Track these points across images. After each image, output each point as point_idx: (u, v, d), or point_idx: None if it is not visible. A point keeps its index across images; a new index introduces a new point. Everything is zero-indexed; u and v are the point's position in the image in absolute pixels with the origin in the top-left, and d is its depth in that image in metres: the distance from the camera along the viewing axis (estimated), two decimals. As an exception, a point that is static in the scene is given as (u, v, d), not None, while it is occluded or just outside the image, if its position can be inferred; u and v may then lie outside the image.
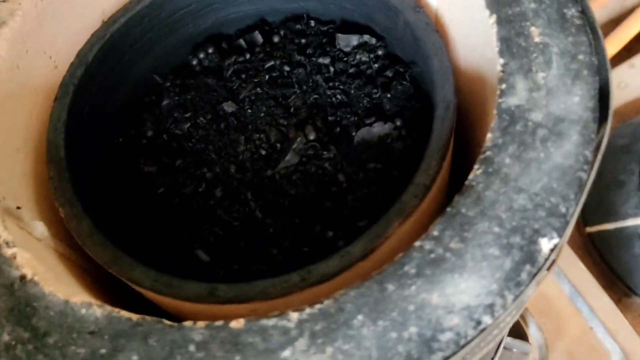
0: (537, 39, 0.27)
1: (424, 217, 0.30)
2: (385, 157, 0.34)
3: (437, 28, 0.33)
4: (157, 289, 0.28)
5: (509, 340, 0.51)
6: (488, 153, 0.25)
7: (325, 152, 0.34)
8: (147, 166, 0.36)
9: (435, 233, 0.24)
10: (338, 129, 0.35)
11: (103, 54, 0.36)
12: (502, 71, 0.27)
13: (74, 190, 0.31)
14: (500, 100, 0.26)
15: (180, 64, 0.41)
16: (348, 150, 0.34)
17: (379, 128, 0.34)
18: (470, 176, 0.25)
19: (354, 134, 0.35)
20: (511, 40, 0.27)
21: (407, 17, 0.33)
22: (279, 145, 0.35)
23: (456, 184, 0.26)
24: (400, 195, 0.28)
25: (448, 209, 0.24)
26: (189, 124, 0.37)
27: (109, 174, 0.35)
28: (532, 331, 0.55)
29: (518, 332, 0.54)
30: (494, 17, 0.28)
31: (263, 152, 0.35)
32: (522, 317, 0.56)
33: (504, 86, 0.26)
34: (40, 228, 0.29)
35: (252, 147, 0.35)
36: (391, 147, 0.34)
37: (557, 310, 0.57)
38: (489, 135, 0.25)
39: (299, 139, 0.34)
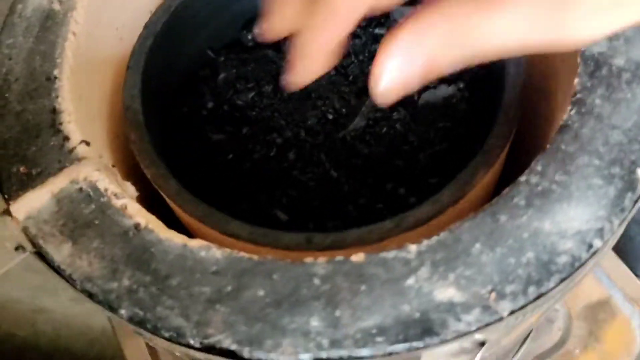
0: (610, -7, 0.29)
1: (497, 171, 0.32)
2: (451, 117, 0.35)
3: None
4: (255, 239, 0.29)
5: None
6: (579, 95, 0.27)
7: (393, 113, 0.35)
8: (214, 134, 0.37)
9: (539, 168, 0.25)
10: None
11: (168, 26, 0.36)
12: (581, 22, 0.28)
13: (156, 152, 0.32)
14: (582, 50, 0.28)
15: (231, 39, 0.42)
16: (414, 112, 0.36)
17: (442, 90, 0.36)
18: (565, 116, 0.26)
19: (416, 98, 0.36)
20: (586, -6, 0.29)
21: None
22: (344, 110, 0.36)
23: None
24: (483, 145, 0.30)
25: (548, 146, 0.26)
26: (252, 94, 0.38)
27: (180, 141, 0.36)
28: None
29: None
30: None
31: (330, 117, 0.36)
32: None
33: (585, 35, 0.28)
34: (130, 188, 0.30)
35: (318, 113, 0.36)
36: (456, 108, 0.35)
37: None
38: (577, 80, 0.27)
39: (367, 101, 0.35)
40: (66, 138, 0.29)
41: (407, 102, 0.36)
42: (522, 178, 0.25)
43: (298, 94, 0.38)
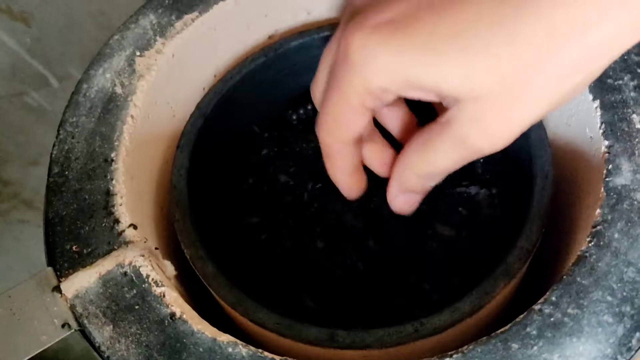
0: (638, 125, 0.30)
1: (518, 281, 0.33)
2: (478, 219, 0.37)
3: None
4: (280, 331, 0.30)
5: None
6: (599, 227, 0.28)
7: (423, 206, 0.37)
8: (251, 217, 0.39)
9: (554, 298, 0.26)
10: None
11: (219, 107, 0.39)
12: (608, 152, 0.30)
13: (196, 233, 0.34)
14: (607, 180, 0.29)
15: (276, 118, 0.44)
16: (443, 209, 0.37)
17: (474, 191, 0.37)
18: (583, 247, 0.27)
19: (447, 193, 0.38)
20: (615, 124, 0.30)
21: (504, 91, 0.36)
22: (375, 200, 0.38)
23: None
24: (506, 257, 0.31)
25: (564, 277, 0.27)
26: (290, 173, 0.40)
27: (221, 220, 0.38)
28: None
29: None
30: (597, 102, 0.31)
31: (360, 211, 0.38)
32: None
33: (610, 167, 0.29)
34: (170, 267, 0.32)
35: (350, 205, 0.38)
36: (485, 210, 0.37)
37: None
38: (598, 211, 0.28)
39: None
40: (117, 221, 0.31)
41: (436, 199, 0.38)
42: (537, 307, 0.26)
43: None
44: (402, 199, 0.29)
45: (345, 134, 0.26)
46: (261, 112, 0.43)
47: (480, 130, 0.22)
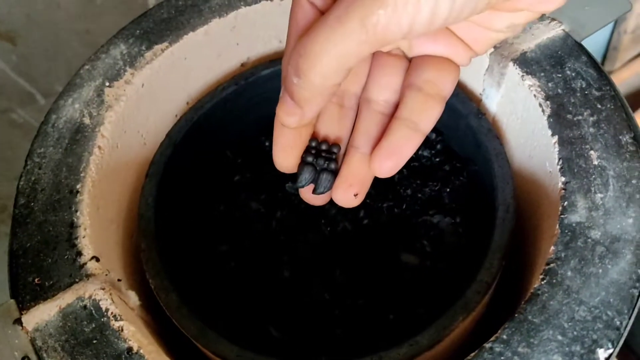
0: (595, 162, 0.30)
1: (479, 312, 0.33)
2: (442, 250, 0.37)
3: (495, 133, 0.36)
4: (240, 363, 0.31)
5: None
6: (552, 265, 0.28)
7: (389, 234, 0.37)
8: (220, 244, 0.39)
9: (505, 337, 0.27)
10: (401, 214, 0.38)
11: (190, 134, 0.39)
12: (564, 189, 0.30)
13: (162, 263, 0.34)
14: (562, 217, 0.29)
15: (250, 143, 0.44)
16: (410, 239, 0.38)
17: (439, 220, 0.38)
18: (536, 285, 0.28)
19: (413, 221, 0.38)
20: (572, 160, 0.31)
21: (470, 121, 0.37)
22: (347, 227, 0.39)
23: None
24: (465, 291, 0.31)
25: (516, 315, 0.27)
26: (261, 200, 0.41)
27: (189, 248, 0.39)
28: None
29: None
30: (555, 138, 0.32)
31: (330, 236, 0.38)
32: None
33: (565, 203, 0.29)
34: (133, 298, 0.32)
35: (319, 232, 0.39)
36: (448, 241, 0.37)
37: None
38: (552, 248, 0.28)
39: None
40: (79, 253, 0.31)
41: (402, 228, 0.38)
42: (488, 345, 0.27)
43: (305, 209, 0.40)
44: (286, 104, 0.23)
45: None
46: (234, 138, 0.43)
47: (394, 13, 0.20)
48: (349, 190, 0.26)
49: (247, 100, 0.42)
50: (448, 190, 0.39)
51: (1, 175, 0.81)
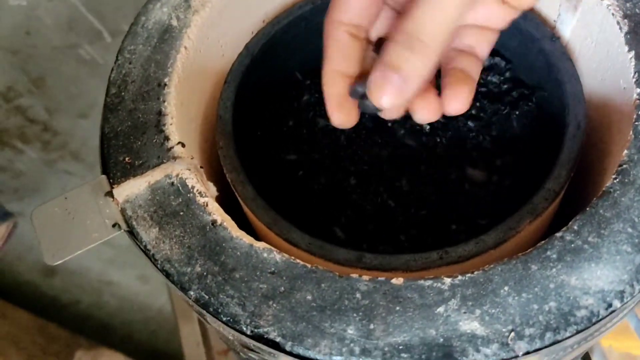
0: (672, 75, 0.31)
1: (546, 221, 0.34)
2: (509, 167, 0.38)
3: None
4: (312, 250, 0.32)
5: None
6: (625, 166, 0.29)
7: (455, 150, 0.38)
8: (288, 154, 0.41)
9: (576, 227, 0.28)
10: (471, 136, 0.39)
11: (266, 49, 0.41)
12: (639, 99, 0.31)
13: (238, 160, 0.36)
14: (637, 124, 0.30)
15: (319, 66, 0.46)
16: (477, 155, 0.39)
17: (506, 140, 0.38)
18: (608, 183, 0.28)
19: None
20: (648, 73, 0.31)
21: (543, 45, 0.37)
22: (413, 143, 0.40)
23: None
24: (532, 197, 0.32)
25: (587, 209, 0.28)
26: (326, 120, 0.42)
27: (262, 154, 0.40)
28: (597, 358, 0.58)
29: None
30: (632, 53, 0.32)
31: (395, 152, 0.40)
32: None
33: (640, 112, 0.30)
34: (212, 188, 0.34)
35: (390, 145, 0.40)
36: (516, 158, 0.38)
37: (624, 342, 0.59)
38: (625, 152, 0.29)
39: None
40: (167, 138, 0.33)
41: (469, 145, 0.39)
42: (559, 234, 0.28)
43: (373, 127, 0.41)
44: (386, 82, 0.26)
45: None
46: (305, 58, 0.45)
47: None
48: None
49: (322, 21, 0.43)
50: (516, 114, 0.40)
51: (64, 111, 0.85)
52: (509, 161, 0.38)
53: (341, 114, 0.29)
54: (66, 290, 1.19)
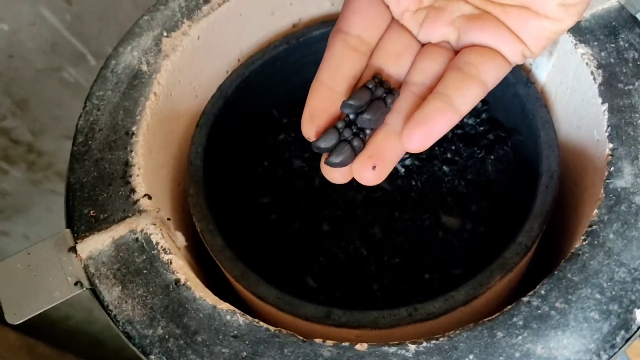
0: (644, 130, 0.30)
1: (518, 274, 0.34)
2: (482, 215, 0.37)
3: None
4: (279, 305, 0.32)
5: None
6: (594, 227, 0.28)
7: (429, 196, 0.38)
8: (262, 197, 0.41)
9: (543, 292, 0.27)
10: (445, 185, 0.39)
11: (240, 90, 0.40)
12: (611, 155, 0.30)
13: (208, 208, 0.36)
14: (608, 181, 0.29)
15: (297, 103, 0.45)
16: (451, 202, 0.38)
17: (482, 186, 0.38)
18: (577, 245, 0.28)
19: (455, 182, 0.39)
20: (621, 128, 0.31)
21: (518, 90, 0.37)
22: (387, 188, 0.39)
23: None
24: (503, 252, 0.32)
25: (555, 272, 0.27)
26: (302, 161, 0.42)
27: (233, 197, 0.40)
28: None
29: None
30: (605, 106, 0.32)
31: (372, 196, 0.39)
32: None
33: (612, 169, 0.30)
34: (180, 238, 0.34)
35: (363, 194, 0.39)
36: (488, 206, 0.37)
37: None
38: (595, 211, 0.29)
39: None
40: (133, 190, 0.33)
41: (442, 191, 0.39)
42: (525, 299, 0.27)
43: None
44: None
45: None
46: (281, 97, 0.44)
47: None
48: (367, 163, 0.25)
49: (297, 60, 0.43)
50: (492, 158, 0.39)
51: (49, 133, 0.84)
52: (484, 207, 0.38)
53: (311, 125, 0.27)
54: (55, 306, 1.19)
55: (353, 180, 0.40)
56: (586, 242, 0.28)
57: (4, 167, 0.87)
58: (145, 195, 0.33)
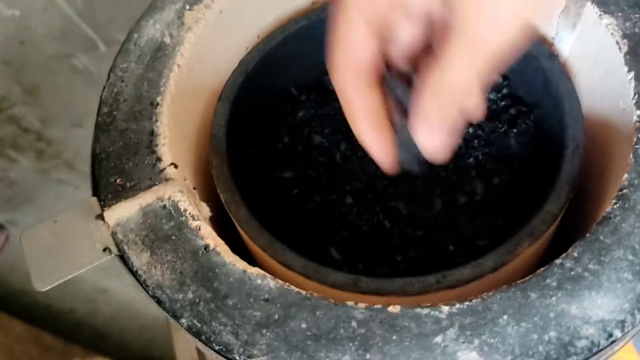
0: (672, 97, 0.31)
1: (545, 243, 0.34)
2: (508, 185, 0.37)
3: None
4: (307, 273, 0.32)
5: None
6: (625, 191, 0.28)
7: (453, 171, 0.38)
8: (284, 171, 0.40)
9: (575, 254, 0.27)
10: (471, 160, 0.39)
11: (261, 65, 0.40)
12: (639, 122, 0.30)
13: (232, 179, 0.36)
14: (637, 147, 0.29)
15: (314, 81, 0.45)
16: (476, 173, 0.38)
17: (505, 157, 0.38)
18: (608, 209, 0.28)
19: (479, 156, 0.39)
20: (648, 95, 0.31)
21: (542, 63, 0.37)
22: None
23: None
24: (531, 220, 0.32)
25: (587, 235, 0.27)
26: (325, 135, 0.42)
27: (256, 171, 0.40)
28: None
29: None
30: (632, 74, 0.32)
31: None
32: None
33: (640, 135, 0.30)
34: (205, 209, 0.33)
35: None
36: (515, 176, 0.37)
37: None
38: (625, 176, 0.29)
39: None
40: (159, 159, 0.33)
41: (466, 165, 0.38)
42: (558, 261, 0.27)
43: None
44: (426, 133, 0.25)
45: (354, 60, 0.25)
46: (300, 74, 0.44)
47: (486, 20, 0.22)
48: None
49: (317, 37, 0.43)
50: (514, 132, 0.39)
51: (58, 121, 0.84)
52: (507, 180, 0.38)
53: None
54: (60, 299, 1.18)
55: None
56: (617, 205, 0.28)
57: (12, 155, 0.87)
58: (171, 164, 0.33)
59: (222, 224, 0.36)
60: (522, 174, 0.38)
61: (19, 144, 0.85)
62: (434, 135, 0.25)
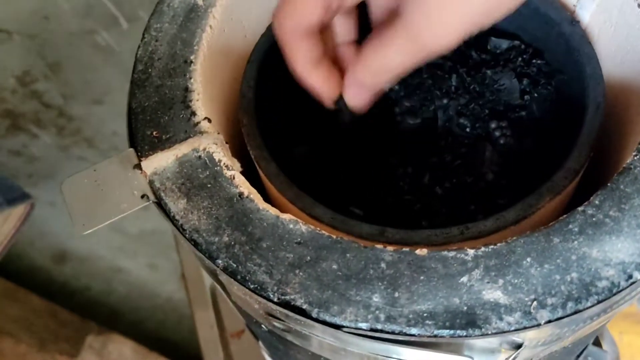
0: (693, 56, 0.31)
1: (565, 200, 0.35)
2: (526, 143, 0.38)
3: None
4: (335, 225, 0.33)
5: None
6: (646, 143, 0.29)
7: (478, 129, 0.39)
8: (310, 132, 0.42)
9: (597, 202, 0.28)
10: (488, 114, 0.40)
11: (288, 30, 0.41)
12: (660, 80, 0.31)
13: (261, 137, 0.37)
14: (658, 102, 0.30)
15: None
16: (501, 132, 0.39)
17: (525, 118, 0.39)
18: (629, 160, 0.29)
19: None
20: (669, 54, 0.32)
21: (563, 28, 0.38)
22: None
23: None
24: (552, 175, 0.33)
25: (608, 184, 0.29)
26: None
27: (283, 132, 0.41)
28: (607, 345, 0.58)
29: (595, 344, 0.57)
30: (653, 35, 0.33)
31: (417, 123, 0.40)
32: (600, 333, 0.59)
33: (661, 91, 0.31)
34: (236, 164, 0.35)
35: (409, 123, 0.41)
36: (532, 136, 0.39)
37: (634, 328, 0.60)
38: (646, 130, 0.30)
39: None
40: (193, 113, 0.34)
41: (484, 120, 0.40)
42: (580, 208, 0.28)
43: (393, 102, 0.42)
44: (353, 90, 0.32)
45: (300, 23, 0.29)
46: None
47: (429, 23, 0.25)
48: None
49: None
50: (536, 95, 0.40)
51: (78, 97, 0.86)
52: (528, 144, 0.39)
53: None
54: (76, 276, 1.21)
55: (397, 113, 0.41)
56: (637, 157, 0.29)
57: (34, 131, 0.88)
58: (205, 118, 0.34)
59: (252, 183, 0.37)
60: (543, 138, 0.39)
61: (41, 119, 0.87)
62: (359, 95, 0.32)
